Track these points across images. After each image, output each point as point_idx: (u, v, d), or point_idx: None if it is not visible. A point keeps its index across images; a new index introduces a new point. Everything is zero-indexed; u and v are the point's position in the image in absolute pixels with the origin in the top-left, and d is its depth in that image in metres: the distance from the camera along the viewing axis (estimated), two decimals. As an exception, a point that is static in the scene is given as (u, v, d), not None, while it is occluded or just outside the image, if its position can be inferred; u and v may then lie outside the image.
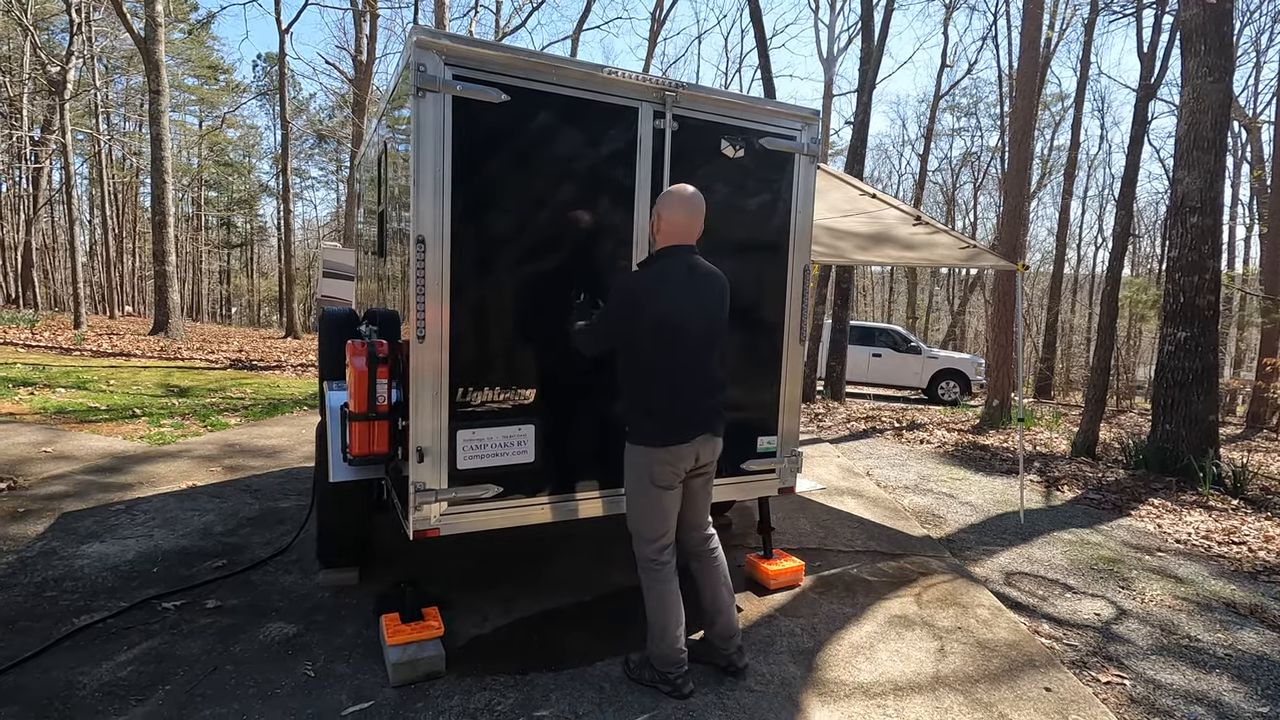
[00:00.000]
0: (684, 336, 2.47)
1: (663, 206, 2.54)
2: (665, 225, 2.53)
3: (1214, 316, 6.83)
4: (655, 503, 2.54)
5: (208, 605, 3.14)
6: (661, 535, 2.58)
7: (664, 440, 2.48)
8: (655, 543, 2.57)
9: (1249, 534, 5.06)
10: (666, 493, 2.54)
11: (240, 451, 5.96)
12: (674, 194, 2.56)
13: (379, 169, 3.76)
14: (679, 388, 2.50)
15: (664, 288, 2.44)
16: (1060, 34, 20.24)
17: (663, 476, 2.51)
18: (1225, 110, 6.86)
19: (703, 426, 2.54)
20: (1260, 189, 18.62)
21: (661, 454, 2.48)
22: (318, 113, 38.22)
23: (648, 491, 2.53)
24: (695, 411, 2.53)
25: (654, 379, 2.48)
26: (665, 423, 2.49)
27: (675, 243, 2.54)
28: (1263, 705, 2.77)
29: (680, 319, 2.45)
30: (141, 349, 12.93)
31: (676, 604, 2.57)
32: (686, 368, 2.50)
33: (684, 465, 2.54)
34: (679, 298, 2.46)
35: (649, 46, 25.89)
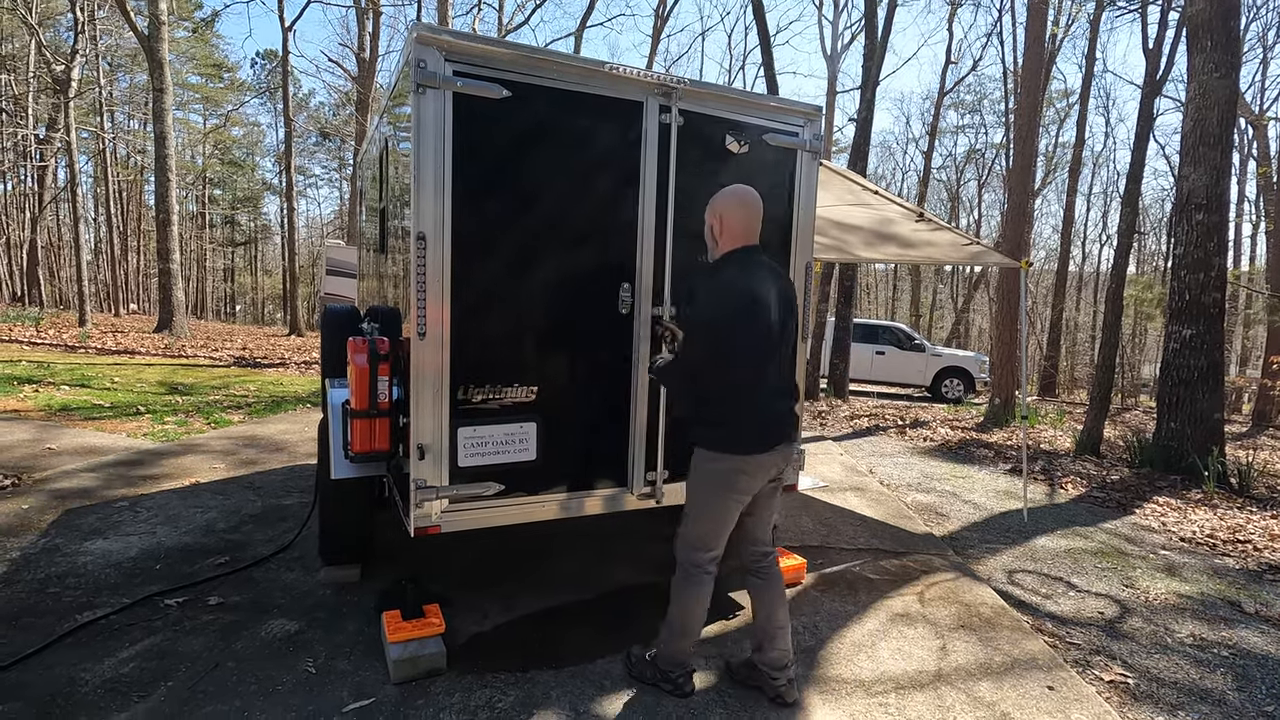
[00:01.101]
0: (765, 340, 2.37)
1: (722, 209, 2.45)
2: (728, 227, 2.43)
3: (1220, 314, 6.79)
4: (726, 513, 2.44)
5: (210, 602, 3.14)
6: (720, 546, 2.49)
7: (749, 448, 2.37)
8: (711, 552, 2.47)
9: (1254, 533, 5.04)
10: (738, 503, 2.44)
11: (243, 448, 5.97)
12: (731, 195, 2.47)
13: (380, 166, 3.75)
14: (762, 393, 2.40)
15: (749, 291, 2.34)
16: (1066, 30, 20.14)
17: (743, 485, 2.40)
18: (1232, 106, 6.81)
19: (782, 434, 2.44)
20: (1266, 186, 18.51)
21: (745, 462, 2.37)
22: (319, 109, 38.28)
23: (722, 501, 2.41)
24: (777, 418, 2.43)
25: (740, 385, 2.36)
26: (751, 430, 2.37)
27: (742, 244, 2.44)
28: (1268, 704, 2.76)
29: (765, 322, 2.36)
30: (146, 347, 12.97)
31: (705, 610, 2.51)
32: (767, 372, 2.40)
33: (765, 474, 2.44)
34: (762, 300, 2.35)
35: (652, 43, 25.86)
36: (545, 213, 2.78)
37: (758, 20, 12.25)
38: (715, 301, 2.34)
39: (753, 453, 2.37)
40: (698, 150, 3.02)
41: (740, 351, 2.33)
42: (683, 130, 2.95)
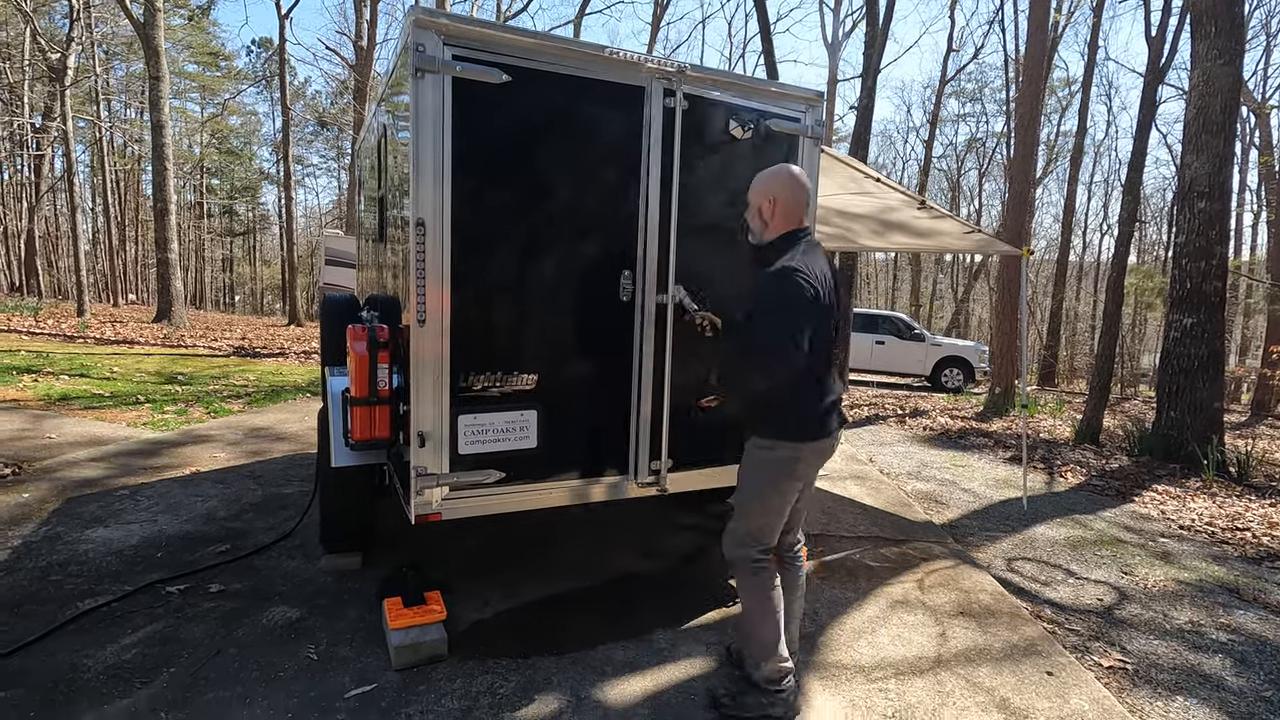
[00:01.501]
0: (828, 324, 2.31)
1: (774, 189, 2.35)
2: (783, 208, 2.34)
3: (1220, 303, 6.78)
4: (785, 504, 2.37)
5: (211, 589, 3.15)
6: (775, 539, 2.41)
7: (814, 434, 2.30)
8: (764, 543, 2.38)
9: (1253, 520, 5.05)
10: (795, 493, 2.38)
11: (243, 437, 5.97)
12: (784, 175, 2.38)
13: (379, 154, 3.73)
14: (823, 378, 2.34)
15: (815, 275, 2.23)
16: (1068, 18, 20.02)
17: (802, 473, 2.35)
18: (1235, 94, 6.77)
19: (838, 419, 2.39)
20: (1269, 175, 18.45)
21: (808, 449, 2.31)
22: (316, 97, 38.04)
23: (782, 491, 2.34)
24: (835, 402, 2.38)
25: (807, 371, 2.26)
26: (814, 416, 2.31)
27: (795, 226, 2.36)
28: (1266, 689, 2.77)
29: (828, 306, 2.28)
30: (145, 336, 12.95)
31: (782, 601, 2.40)
32: (827, 357, 2.34)
33: (821, 461, 2.39)
34: (825, 284, 2.27)
35: (652, 30, 25.67)
36: (545, 199, 2.76)
37: (758, 7, 12.15)
38: (787, 288, 2.20)
39: (815, 439, 2.31)
40: (700, 135, 3.00)
41: (810, 337, 2.23)
42: (685, 115, 2.92)
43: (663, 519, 4.27)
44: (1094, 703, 2.59)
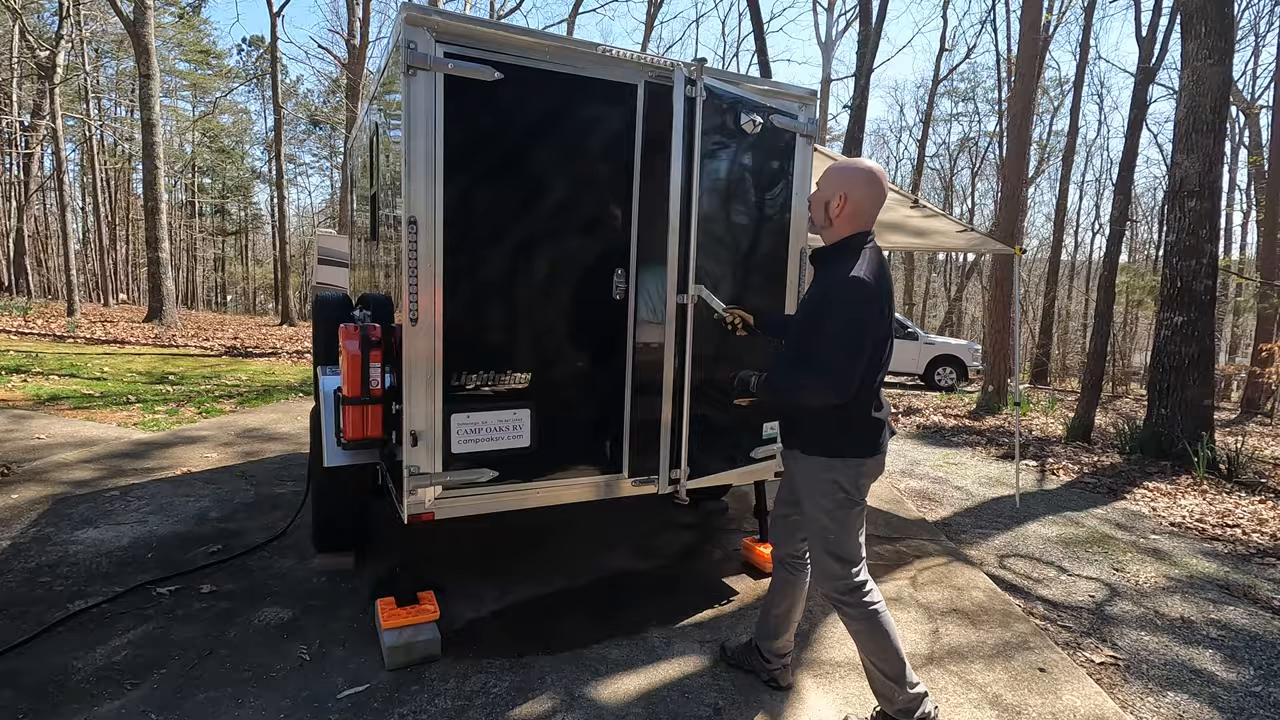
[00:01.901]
0: (887, 338, 2.16)
1: (848, 184, 2.16)
2: (854, 207, 2.15)
3: (1211, 301, 6.82)
4: (857, 519, 2.23)
5: (203, 590, 3.13)
6: (862, 555, 2.26)
7: (873, 450, 2.19)
8: (857, 565, 2.23)
9: (1242, 517, 5.09)
10: (861, 508, 2.25)
11: (235, 437, 5.94)
12: (861, 170, 2.18)
13: (371, 153, 3.71)
14: (879, 391, 2.22)
15: (884, 285, 2.10)
16: (1059, 17, 20.10)
17: (865, 489, 2.23)
18: (1225, 93, 6.82)
19: (889, 432, 2.28)
20: (1258, 175, 18.59)
21: (869, 465, 2.20)
22: (308, 96, 37.86)
23: (850, 508, 2.20)
24: (886, 417, 2.26)
25: (868, 384, 2.14)
26: (874, 431, 2.20)
27: (863, 228, 2.19)
28: (1256, 684, 2.79)
29: (890, 316, 2.15)
30: (135, 336, 12.87)
31: (897, 633, 2.24)
32: (883, 369, 2.20)
33: (877, 475, 2.27)
34: (889, 294, 2.14)
35: (646, 29, 25.64)
36: (538, 197, 2.75)
37: (751, 7, 12.16)
38: (857, 303, 2.04)
39: (876, 454, 2.20)
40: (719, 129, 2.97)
41: (882, 350, 2.13)
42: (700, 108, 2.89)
43: (656, 517, 4.27)
44: (1085, 699, 2.60)
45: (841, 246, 2.18)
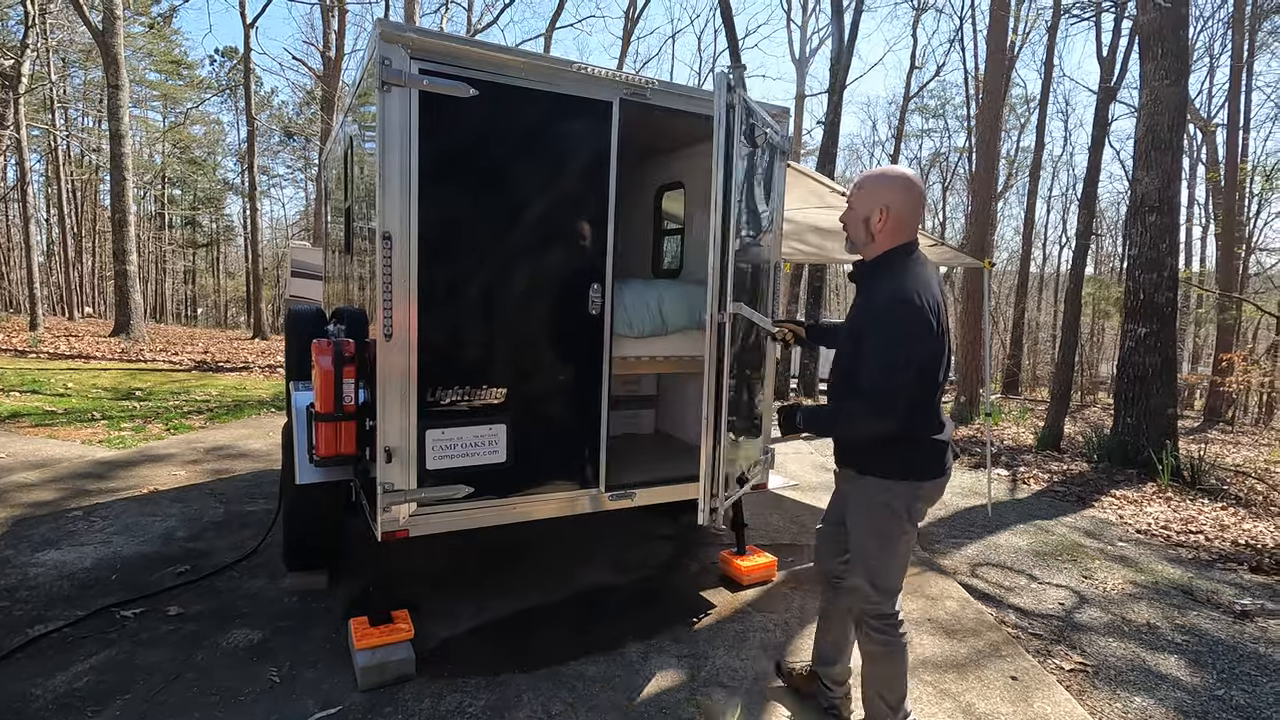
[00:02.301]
0: (944, 354, 2.04)
1: (887, 196, 2.06)
2: (896, 220, 2.06)
3: (1172, 313, 7.03)
4: (907, 545, 2.17)
5: (169, 612, 3.06)
6: (900, 586, 2.22)
7: (932, 473, 2.12)
8: (897, 594, 2.20)
9: (1205, 524, 5.22)
10: (914, 531, 2.19)
11: (204, 454, 5.82)
12: (897, 180, 2.10)
13: (346, 166, 3.70)
14: (940, 412, 2.14)
15: (938, 300, 2.00)
16: (1024, 38, 20.66)
17: (920, 513, 2.16)
18: (1182, 112, 7.07)
19: (952, 454, 2.21)
20: (1215, 190, 19.23)
21: (926, 488, 2.13)
22: (282, 107, 37.51)
23: (902, 533, 2.14)
24: (949, 438, 2.17)
25: (925, 405, 2.05)
26: (934, 453, 2.11)
27: (905, 240, 2.09)
28: (1219, 688, 2.86)
29: (944, 333, 2.03)
30: (101, 351, 12.56)
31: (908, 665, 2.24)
32: (940, 388, 2.10)
33: (938, 497, 2.20)
34: (940, 309, 2.02)
35: (623, 45, 25.86)
36: (513, 213, 2.76)
37: (726, 25, 12.33)
38: (906, 322, 1.96)
39: (935, 476, 2.12)
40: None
41: (936, 368, 2.02)
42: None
43: (633, 530, 4.27)
44: (1055, 706, 2.65)
45: (884, 261, 2.09)
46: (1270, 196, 18.39)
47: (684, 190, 4.31)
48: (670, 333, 3.33)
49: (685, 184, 4.29)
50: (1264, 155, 19.88)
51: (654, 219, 4.65)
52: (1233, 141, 17.37)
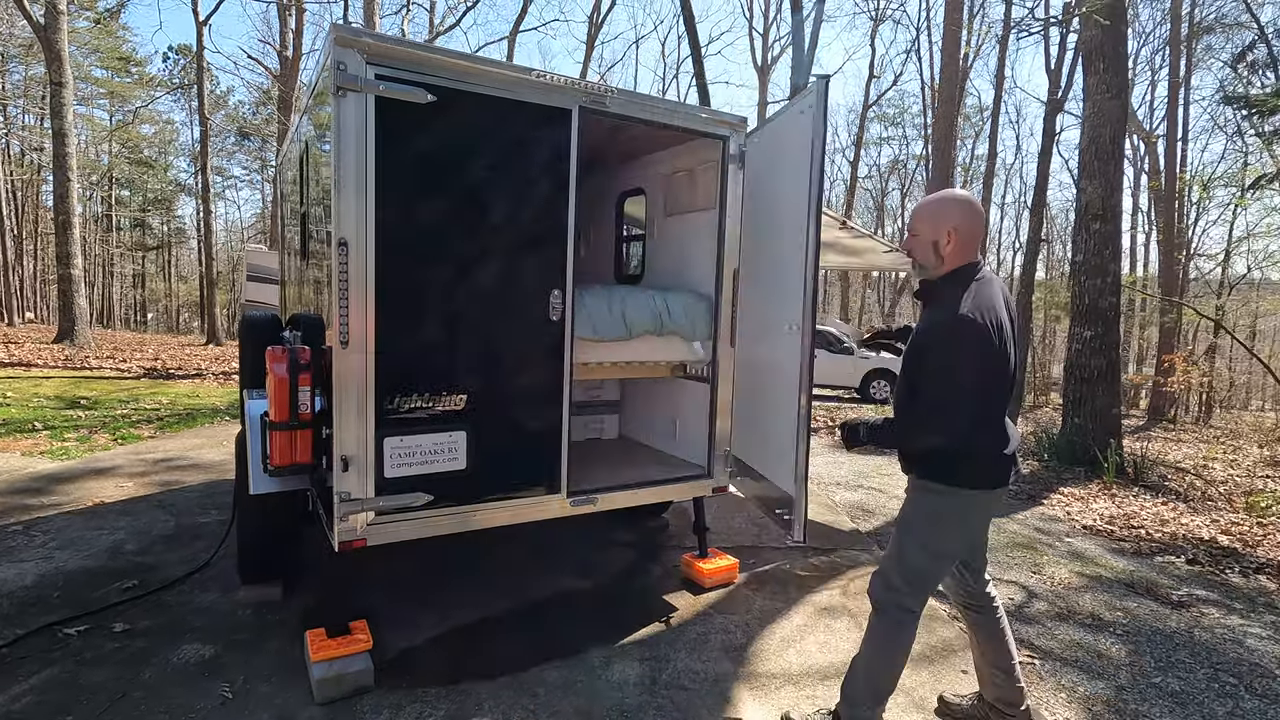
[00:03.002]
0: (1009, 368, 2.08)
1: (953, 218, 2.11)
2: (962, 240, 2.11)
3: (1116, 317, 7.32)
4: (953, 550, 2.22)
5: (115, 629, 2.96)
6: (935, 586, 2.29)
7: (994, 483, 2.14)
8: (920, 593, 2.23)
9: (1146, 519, 5.45)
10: (962, 540, 2.23)
11: (154, 465, 5.64)
12: (960, 201, 2.15)
13: (301, 169, 3.64)
14: (1005, 423, 2.16)
15: (995, 317, 2.02)
16: (977, 50, 21.32)
17: (976, 522, 2.22)
18: (1122, 125, 7.38)
19: (1016, 467, 2.23)
20: (1157, 198, 20.08)
21: (986, 498, 2.16)
22: (238, 107, 36.54)
23: (951, 537, 2.19)
24: (1015, 449, 2.20)
25: (991, 416, 2.09)
26: (999, 463, 2.14)
27: (970, 259, 2.14)
28: (1156, 676, 2.99)
29: (1009, 348, 2.06)
30: (44, 358, 12.06)
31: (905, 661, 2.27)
32: (1005, 402, 2.12)
33: (997, 508, 2.27)
34: (1005, 326, 2.05)
35: (587, 50, 25.90)
36: (472, 220, 2.75)
37: (689, 32, 12.46)
38: (968, 339, 1.99)
39: (994, 486, 2.15)
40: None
41: (997, 383, 2.05)
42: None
43: (596, 534, 4.27)
44: (1005, 697, 2.73)
45: (949, 280, 2.13)
46: (1207, 204, 19.29)
47: (645, 197, 4.34)
48: (634, 337, 3.36)
49: (646, 190, 4.32)
50: (1201, 165, 20.82)
51: (616, 225, 4.68)
52: (1172, 152, 18.19)
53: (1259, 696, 2.85)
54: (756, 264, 3.44)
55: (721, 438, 3.53)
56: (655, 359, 3.54)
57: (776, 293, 3.22)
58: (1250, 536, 5.04)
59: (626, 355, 3.43)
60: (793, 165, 2.95)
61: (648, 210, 4.32)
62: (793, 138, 2.99)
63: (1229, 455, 9.97)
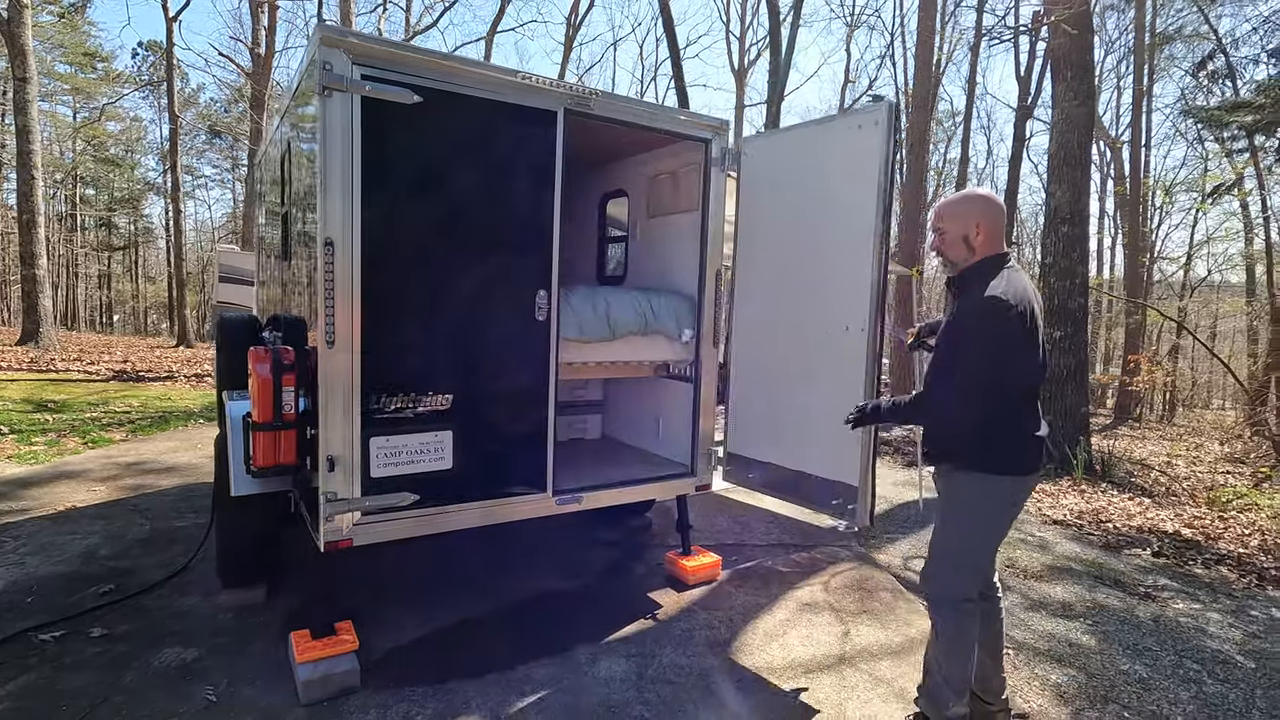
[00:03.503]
0: (1037, 352, 2.20)
1: (977, 214, 2.23)
2: (988, 233, 2.23)
3: (1084, 317, 7.52)
4: (1000, 537, 2.32)
5: (93, 634, 2.92)
6: (986, 573, 2.37)
7: (1030, 468, 2.24)
8: (977, 582, 2.31)
9: (1114, 513, 5.61)
10: (1008, 526, 2.32)
11: (127, 469, 5.53)
12: (982, 197, 2.30)
13: (282, 169, 3.61)
14: (1038, 409, 2.26)
15: (1022, 302, 2.11)
16: (948, 57, 21.70)
17: (1019, 508, 2.30)
18: (1089, 131, 7.59)
19: (1045, 452, 2.34)
20: (1123, 203, 20.61)
21: (1026, 482, 2.27)
22: (209, 105, 35.84)
23: (1000, 525, 2.29)
24: (1045, 435, 2.29)
25: (1024, 402, 2.21)
26: (1032, 448, 2.23)
27: (997, 250, 2.24)
28: (1124, 662, 3.10)
29: (1036, 332, 2.17)
30: (8, 361, 11.73)
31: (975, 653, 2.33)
32: (1036, 384, 2.24)
33: (1031, 493, 2.35)
34: (1031, 311, 2.15)
35: (565, 51, 25.84)
36: (458, 220, 2.77)
37: (668, 35, 12.53)
38: (994, 319, 2.08)
39: (1031, 471, 2.25)
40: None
41: (1029, 367, 2.17)
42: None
43: (580, 533, 4.29)
44: (981, 686, 2.81)
45: (980, 268, 2.22)
46: (1170, 209, 19.88)
47: (627, 198, 4.38)
48: (618, 338, 3.39)
49: (628, 192, 4.36)
50: (1164, 171, 21.45)
51: (598, 226, 4.71)
52: (1136, 157, 18.68)
53: (1221, 682, 2.96)
54: (790, 266, 3.36)
55: (705, 436, 3.58)
56: (639, 359, 3.58)
57: (825, 295, 3.15)
58: (1212, 530, 5.22)
59: (611, 355, 3.47)
60: (848, 175, 2.98)
61: (630, 212, 4.36)
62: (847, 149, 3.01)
63: (1191, 452, 10.28)
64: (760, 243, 3.44)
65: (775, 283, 3.40)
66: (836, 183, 3.01)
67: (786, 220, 3.34)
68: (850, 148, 2.94)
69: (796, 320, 3.34)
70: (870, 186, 2.85)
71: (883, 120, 2.82)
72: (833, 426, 3.16)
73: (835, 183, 3.02)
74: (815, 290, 3.18)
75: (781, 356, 3.42)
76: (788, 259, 3.34)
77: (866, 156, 2.86)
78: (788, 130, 3.65)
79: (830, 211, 3.05)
